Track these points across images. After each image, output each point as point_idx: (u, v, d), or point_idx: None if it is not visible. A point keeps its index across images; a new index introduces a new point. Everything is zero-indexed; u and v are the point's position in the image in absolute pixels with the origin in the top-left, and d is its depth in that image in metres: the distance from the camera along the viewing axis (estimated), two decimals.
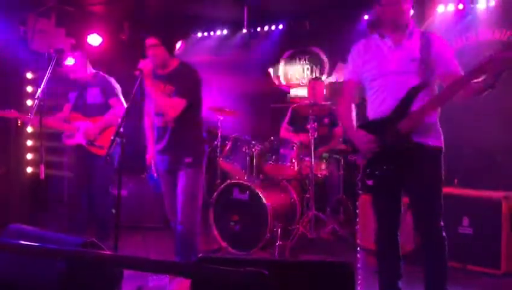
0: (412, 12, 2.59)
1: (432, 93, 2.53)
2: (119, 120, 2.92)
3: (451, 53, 2.57)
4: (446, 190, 2.82)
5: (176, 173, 3.26)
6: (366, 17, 5.45)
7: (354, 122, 2.72)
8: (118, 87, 4.16)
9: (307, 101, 4.95)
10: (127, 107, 2.98)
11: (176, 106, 3.10)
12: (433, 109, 2.47)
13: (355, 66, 2.71)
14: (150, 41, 3.13)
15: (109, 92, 4.09)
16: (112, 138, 2.92)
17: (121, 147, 2.86)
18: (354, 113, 2.74)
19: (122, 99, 4.11)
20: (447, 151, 2.62)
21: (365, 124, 2.66)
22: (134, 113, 4.13)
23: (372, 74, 2.62)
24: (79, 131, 4.07)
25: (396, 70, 2.53)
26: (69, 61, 4.01)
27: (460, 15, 4.90)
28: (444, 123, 2.63)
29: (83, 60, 4.11)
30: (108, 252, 1.89)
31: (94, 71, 4.20)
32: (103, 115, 4.07)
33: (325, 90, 5.05)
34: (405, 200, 2.95)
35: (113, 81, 4.16)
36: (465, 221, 3.65)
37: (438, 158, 2.56)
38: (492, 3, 4.72)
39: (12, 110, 3.98)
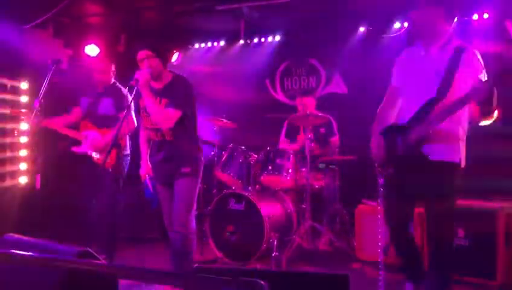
0: (452, 22, 2.63)
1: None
2: (121, 132, 2.93)
3: (477, 72, 2.54)
4: None
5: (172, 183, 3.27)
6: (362, 28, 5.51)
7: (382, 126, 2.81)
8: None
9: (302, 113, 4.96)
10: (123, 117, 3.00)
11: (170, 117, 3.11)
12: (437, 122, 2.50)
13: (396, 72, 2.85)
14: (144, 53, 3.14)
15: (121, 105, 4.05)
16: (109, 148, 2.93)
17: (117, 159, 2.86)
18: (390, 117, 2.84)
19: (133, 114, 4.05)
20: None
21: (385, 128, 2.77)
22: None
23: (404, 81, 2.76)
24: (87, 140, 4.08)
25: (421, 80, 2.63)
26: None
27: (455, 27, 4.94)
28: None
29: (109, 66, 4.15)
30: (103, 262, 1.88)
31: (113, 81, 4.22)
32: (112, 126, 4.05)
33: (315, 103, 5.04)
34: None
35: (127, 94, 4.12)
36: (461, 232, 3.65)
37: (448, 173, 2.59)
38: (486, 15, 4.78)
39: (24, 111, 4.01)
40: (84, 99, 4.24)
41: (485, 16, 4.80)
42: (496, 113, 2.47)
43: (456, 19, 2.64)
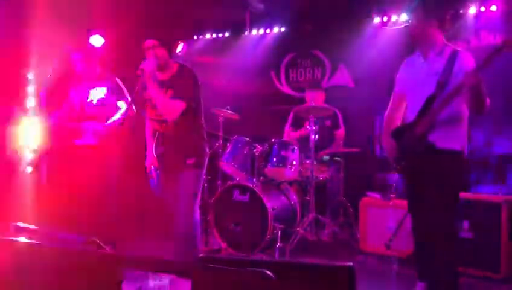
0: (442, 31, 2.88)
1: (455, 104, 2.76)
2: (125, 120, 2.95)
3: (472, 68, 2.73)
4: None
5: (177, 175, 3.27)
6: (368, 20, 5.47)
7: (389, 129, 3.08)
8: (124, 89, 4.19)
9: (308, 105, 4.95)
10: (128, 107, 3.00)
11: (175, 108, 3.11)
12: (436, 114, 2.76)
13: (399, 79, 3.12)
14: (150, 42, 3.14)
15: (117, 93, 4.13)
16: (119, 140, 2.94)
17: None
18: (396, 119, 3.11)
19: (129, 100, 4.12)
20: None
21: (395, 130, 3.04)
22: (136, 111, 4.17)
23: (406, 87, 3.04)
24: (88, 131, 4.10)
25: (421, 82, 2.89)
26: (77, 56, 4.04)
27: (463, 19, 4.92)
28: None
29: (90, 57, 4.14)
30: (109, 251, 1.90)
31: (100, 70, 4.23)
32: (110, 114, 4.11)
33: (323, 96, 5.02)
34: (404, 203, 3.10)
35: (119, 82, 4.20)
36: (465, 225, 3.65)
37: (452, 160, 2.79)
38: (494, 7, 4.74)
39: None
40: (74, 93, 4.24)
41: (493, 8, 4.76)
42: (487, 101, 2.68)
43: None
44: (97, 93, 4.15)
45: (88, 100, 4.16)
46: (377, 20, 5.43)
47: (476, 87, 2.59)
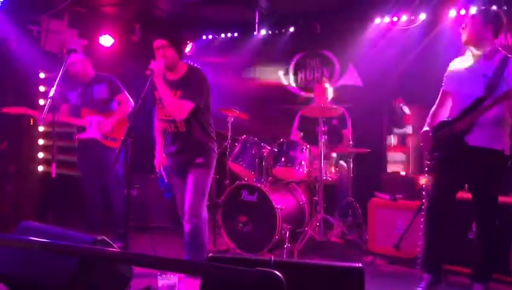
0: (494, 36, 2.98)
1: (498, 109, 2.88)
2: (130, 115, 3.00)
3: None
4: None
5: (186, 174, 3.29)
6: (377, 19, 5.44)
7: (431, 123, 3.21)
8: (121, 85, 4.34)
9: (315, 106, 4.94)
10: (137, 106, 3.02)
11: (184, 108, 3.12)
12: (479, 115, 2.88)
13: (447, 78, 3.20)
14: (160, 42, 3.15)
15: (115, 88, 4.27)
16: (123, 138, 2.95)
17: (128, 147, 2.88)
18: (440, 116, 3.21)
19: (129, 97, 4.30)
20: None
21: (436, 125, 3.16)
22: (144, 111, 4.21)
23: (453, 86, 3.12)
24: (92, 125, 4.16)
25: (469, 84, 2.98)
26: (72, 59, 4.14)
27: None
28: None
29: (85, 62, 4.25)
30: (118, 250, 1.91)
31: (94, 72, 4.34)
32: (110, 110, 4.25)
33: (331, 92, 5.02)
34: (413, 204, 3.16)
35: (116, 79, 4.33)
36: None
37: (490, 159, 2.92)
38: (505, 7, 4.69)
39: (23, 107, 4.07)
40: (71, 94, 4.30)
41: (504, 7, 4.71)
42: None
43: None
44: (98, 90, 4.24)
45: (91, 97, 4.23)
46: (386, 19, 5.40)
47: None
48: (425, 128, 3.23)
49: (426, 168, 3.19)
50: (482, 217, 3.02)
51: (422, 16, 5.17)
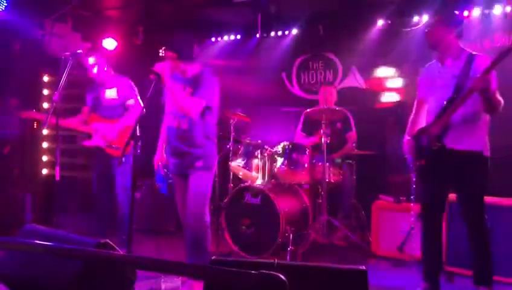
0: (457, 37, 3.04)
1: (470, 106, 2.88)
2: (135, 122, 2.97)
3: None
4: None
5: (187, 177, 3.29)
6: (380, 22, 5.44)
7: (411, 132, 3.23)
8: (136, 90, 4.24)
9: (319, 107, 4.94)
10: (141, 110, 3.01)
11: (196, 105, 3.13)
12: (449, 116, 2.90)
13: (421, 85, 3.27)
14: (169, 54, 3.17)
15: (126, 93, 4.18)
16: (127, 140, 2.96)
17: (135, 150, 2.89)
18: (419, 123, 3.23)
19: (140, 101, 4.20)
20: None
21: (416, 132, 3.17)
22: (150, 116, 4.21)
23: (427, 92, 3.17)
24: (97, 133, 4.14)
25: (441, 86, 3.04)
26: (90, 61, 4.12)
27: (476, 21, 4.87)
28: None
29: (102, 61, 4.19)
30: (121, 253, 1.90)
31: (113, 73, 4.28)
32: (120, 116, 4.16)
33: (336, 95, 5.03)
34: (417, 206, 3.16)
35: (131, 83, 4.25)
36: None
37: (472, 161, 2.94)
38: (508, 8, 4.68)
39: (33, 111, 4.08)
40: (89, 96, 4.31)
41: (508, 8, 4.70)
42: (499, 101, 2.82)
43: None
44: (108, 94, 4.21)
45: (100, 101, 4.21)
46: (389, 22, 5.40)
47: (485, 90, 2.70)
48: (407, 137, 3.24)
49: (414, 179, 3.27)
50: (471, 220, 2.99)
51: (425, 18, 5.17)
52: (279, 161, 4.43)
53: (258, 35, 6.08)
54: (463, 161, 2.93)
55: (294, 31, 6.01)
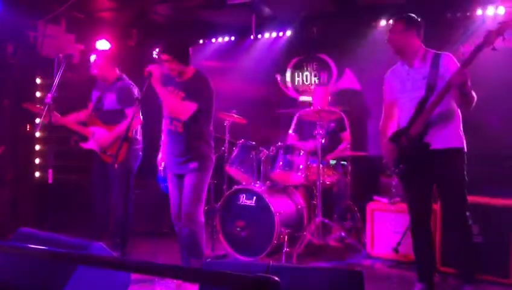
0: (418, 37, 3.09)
1: (445, 103, 2.92)
2: (131, 127, 2.96)
3: (455, 68, 2.89)
4: None
5: (182, 178, 3.30)
6: (374, 23, 5.45)
7: (388, 135, 3.20)
8: (136, 97, 4.10)
9: (312, 108, 4.94)
10: (134, 116, 3.02)
11: (187, 108, 3.15)
12: (428, 114, 2.91)
13: (388, 88, 3.28)
14: (164, 57, 3.20)
15: (126, 101, 4.08)
16: (119, 144, 2.96)
17: (127, 153, 2.88)
18: (391, 127, 3.24)
19: (139, 109, 4.06)
20: None
21: (392, 135, 3.17)
22: (147, 118, 4.20)
23: (396, 95, 3.18)
24: (93, 137, 4.12)
25: (411, 89, 3.06)
26: (91, 59, 4.10)
27: (469, 22, 4.89)
28: None
29: (106, 59, 4.16)
30: (116, 256, 1.89)
31: (118, 74, 4.23)
32: (118, 122, 4.10)
33: (329, 96, 5.03)
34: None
35: (134, 89, 4.16)
36: (475, 229, 3.61)
37: (453, 158, 2.96)
38: (502, 10, 4.70)
39: (33, 105, 4.06)
40: (94, 93, 4.27)
41: (500, 10, 4.73)
42: (473, 96, 2.85)
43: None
44: (109, 100, 4.17)
45: (102, 104, 4.19)
46: (383, 23, 5.41)
47: (463, 85, 2.75)
48: (384, 140, 3.20)
49: (393, 190, 3.33)
50: (455, 217, 3.00)
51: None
52: (274, 162, 4.42)
53: (252, 37, 6.08)
54: (445, 159, 2.95)
55: (288, 33, 6.01)
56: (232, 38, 6.33)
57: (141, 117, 4.14)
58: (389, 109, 3.28)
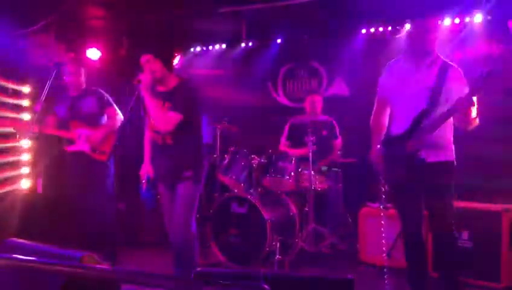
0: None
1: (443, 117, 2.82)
2: (118, 127, 2.96)
3: (464, 85, 2.83)
4: None
5: (174, 187, 3.26)
6: (364, 30, 5.49)
7: (380, 136, 3.11)
8: (110, 98, 4.28)
9: (304, 115, 4.96)
10: (126, 116, 3.01)
11: (170, 120, 3.11)
12: (429, 133, 2.81)
13: (384, 83, 3.14)
14: (145, 57, 3.16)
15: (105, 102, 4.22)
16: (115, 143, 2.95)
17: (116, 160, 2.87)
18: (383, 125, 3.14)
19: (117, 108, 4.24)
20: None
21: (385, 140, 3.06)
22: (134, 124, 4.19)
23: (393, 92, 3.04)
24: (80, 138, 4.12)
25: (412, 95, 2.92)
26: (71, 69, 4.11)
27: (457, 29, 4.94)
28: None
29: (80, 69, 4.21)
30: (105, 267, 1.87)
31: (85, 86, 4.29)
32: (99, 124, 4.18)
33: (322, 104, 5.05)
34: None
35: (104, 93, 4.28)
36: (465, 234, 3.63)
37: (444, 171, 2.90)
38: (489, 17, 4.76)
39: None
40: (59, 107, 4.25)
41: (488, 17, 4.79)
42: (476, 121, 2.80)
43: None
44: (84, 105, 4.19)
45: (78, 111, 4.19)
46: (372, 30, 5.46)
47: (468, 110, 2.69)
48: (376, 145, 3.10)
49: (383, 196, 3.10)
50: (444, 228, 2.91)
51: (408, 26, 5.23)
52: (266, 169, 4.42)
53: (243, 45, 6.10)
54: (437, 171, 2.87)
55: (279, 40, 6.03)
56: (223, 46, 6.34)
57: (120, 114, 4.23)
58: (381, 106, 3.18)
